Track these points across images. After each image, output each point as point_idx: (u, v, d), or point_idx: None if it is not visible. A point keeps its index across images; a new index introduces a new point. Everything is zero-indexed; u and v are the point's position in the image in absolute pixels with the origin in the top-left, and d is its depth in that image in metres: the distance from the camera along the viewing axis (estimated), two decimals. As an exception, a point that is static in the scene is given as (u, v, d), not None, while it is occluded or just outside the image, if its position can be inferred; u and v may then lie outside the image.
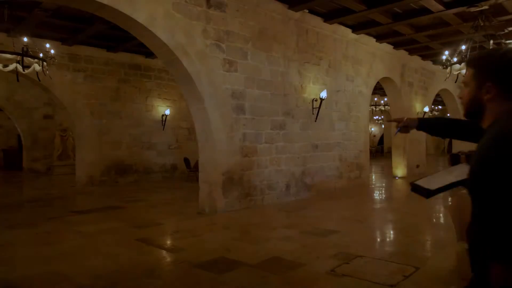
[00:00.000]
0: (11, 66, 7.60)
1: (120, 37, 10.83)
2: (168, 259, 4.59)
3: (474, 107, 1.51)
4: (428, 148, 19.02)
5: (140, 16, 6.33)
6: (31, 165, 16.08)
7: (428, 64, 14.51)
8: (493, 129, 1.36)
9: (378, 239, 5.66)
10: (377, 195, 10.23)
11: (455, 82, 10.37)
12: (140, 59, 13.01)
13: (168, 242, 5.38)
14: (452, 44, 10.50)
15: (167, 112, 13.38)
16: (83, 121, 11.68)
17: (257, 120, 8.10)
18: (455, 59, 8.42)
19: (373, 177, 14.11)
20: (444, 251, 4.69)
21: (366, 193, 10.24)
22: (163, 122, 13.35)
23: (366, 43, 11.19)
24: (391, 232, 6.08)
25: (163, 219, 6.69)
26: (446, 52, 8.67)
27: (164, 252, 4.87)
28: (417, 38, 11.18)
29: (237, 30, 7.81)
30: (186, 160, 12.79)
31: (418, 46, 12.17)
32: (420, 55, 13.51)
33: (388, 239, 5.72)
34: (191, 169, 12.58)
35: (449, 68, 8.51)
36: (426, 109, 14.17)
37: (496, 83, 1.41)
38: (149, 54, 12.61)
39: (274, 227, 6.13)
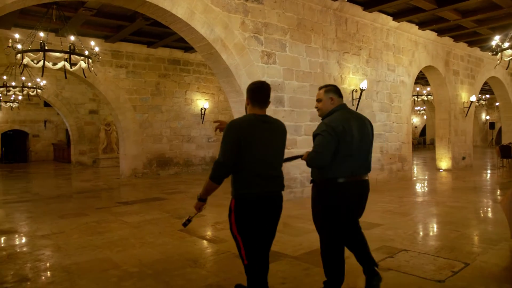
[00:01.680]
0: (60, 64, 7.95)
1: (160, 33, 11.08)
2: (211, 250, 4.68)
3: (326, 111, 3.14)
4: (474, 139, 18.16)
5: (179, 10, 6.43)
6: (78, 158, 16.88)
7: (475, 50, 13.79)
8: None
9: (423, 233, 5.48)
10: (420, 188, 9.91)
11: (506, 69, 9.80)
12: (179, 53, 13.25)
13: (210, 233, 5.47)
14: (502, 28, 9.92)
15: (206, 105, 13.58)
16: (126, 115, 12.09)
17: (296, 112, 8.05)
18: (506, 44, 7.94)
19: (416, 169, 13.66)
20: (495, 247, 4.47)
21: (409, 186, 9.93)
22: (202, 115, 13.57)
23: (408, 30, 10.78)
24: (437, 226, 5.86)
25: (204, 211, 6.79)
26: (497, 37, 8.19)
27: (206, 243, 4.96)
28: (463, 23, 10.63)
29: (275, 22, 7.76)
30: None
31: (465, 32, 11.58)
32: (466, 42, 12.85)
33: (433, 233, 5.52)
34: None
35: (499, 54, 8.04)
36: (473, 98, 13.50)
37: (337, 96, 3.14)
38: (188, 48, 12.83)
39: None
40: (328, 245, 3.07)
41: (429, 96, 17.69)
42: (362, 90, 9.20)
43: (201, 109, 13.60)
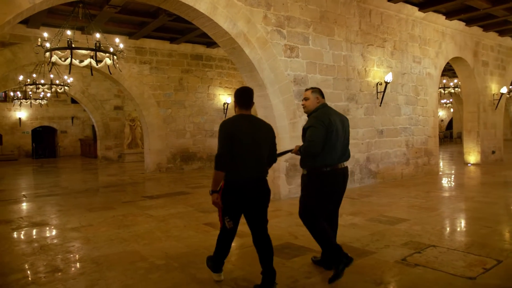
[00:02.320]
0: (86, 61, 8.11)
1: (182, 28, 11.17)
2: (235, 243, 4.69)
3: (312, 109, 3.65)
4: (504, 132, 17.55)
5: (202, 6, 6.45)
6: (104, 153, 17.27)
7: (507, 40, 13.27)
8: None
9: (452, 229, 5.35)
10: (447, 182, 9.67)
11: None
12: (201, 49, 13.33)
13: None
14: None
15: (228, 100, 13.63)
16: (150, 111, 12.27)
17: (319, 106, 7.96)
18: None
19: (442, 164, 13.34)
20: (529, 243, 4.32)
21: (436, 180, 9.71)
22: (225, 110, 13.62)
23: (434, 21, 10.47)
24: (466, 222, 5.71)
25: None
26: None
27: (231, 237, 4.99)
28: (493, 12, 10.24)
29: (297, 15, 7.68)
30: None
31: (495, 21, 11.14)
32: (496, 31, 12.37)
33: (463, 229, 5.38)
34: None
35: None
36: (504, 90, 13.02)
37: (322, 97, 3.70)
38: (210, 44, 12.88)
39: (340, 214, 5.96)
40: (311, 222, 3.56)
41: (456, 89, 17.18)
42: (386, 83, 9.02)
43: (224, 104, 13.66)
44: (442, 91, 17.41)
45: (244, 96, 3.32)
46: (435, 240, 4.53)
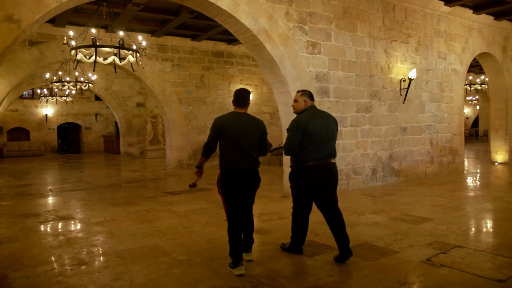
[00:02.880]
0: (110, 59, 8.26)
1: (204, 26, 11.23)
2: (257, 240, 4.69)
3: (299, 110, 3.97)
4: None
5: (224, 2, 6.45)
6: (126, 149, 17.57)
7: (537, 35, 12.78)
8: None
9: (479, 229, 5.20)
10: (473, 181, 9.41)
11: None
12: (222, 46, 13.37)
13: (255, 224, 5.47)
14: None
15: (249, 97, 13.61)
16: (172, 107, 12.40)
17: (341, 103, 7.88)
18: None
19: (468, 162, 12.99)
20: (561, 246, 4.16)
21: (461, 179, 9.47)
22: (246, 107, 13.62)
23: (461, 15, 10.18)
24: (494, 222, 5.54)
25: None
26: None
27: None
28: (524, 6, 9.88)
29: (320, 11, 7.60)
30: (269, 145, 12.95)
31: (526, 15, 10.75)
32: (527, 25, 11.94)
33: (490, 230, 5.23)
34: (273, 153, 12.72)
35: None
36: (534, 86, 12.54)
37: (310, 99, 4.00)
38: (231, 40, 12.91)
39: (361, 212, 5.95)
40: (297, 216, 4.06)
41: (483, 85, 16.69)
42: (410, 80, 8.84)
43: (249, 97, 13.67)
44: (468, 87, 16.95)
45: (240, 97, 3.84)
46: (461, 240, 4.41)
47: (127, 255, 4.15)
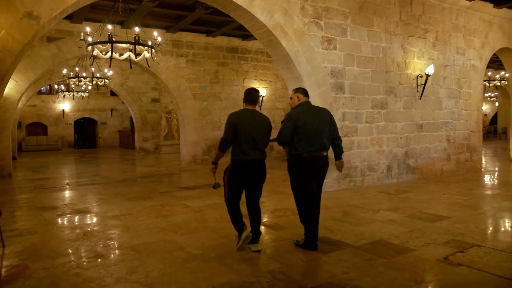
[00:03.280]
0: (125, 55, 8.32)
1: (219, 21, 11.22)
2: (271, 236, 4.71)
3: (294, 106, 4.26)
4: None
5: (240, -2, 6.43)
6: (141, 144, 17.75)
7: (560, 30, 12.42)
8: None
9: (498, 228, 5.11)
10: (492, 180, 9.23)
11: None
12: (237, 42, 13.35)
13: (270, 219, 5.49)
14: None
15: (264, 93, 13.61)
16: (186, 103, 12.46)
17: (357, 99, 7.80)
18: None
19: (485, 160, 12.74)
20: None
21: (479, 177, 9.29)
22: (260, 103, 13.61)
23: (481, 10, 9.95)
24: (513, 221, 5.43)
25: (262, 198, 6.80)
26: None
27: (266, 229, 5.00)
28: (547, -1, 9.60)
29: (335, 6, 7.52)
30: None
31: (549, 9, 10.44)
32: (550, 20, 11.59)
33: (509, 229, 5.13)
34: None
35: None
36: (555, 82, 12.23)
37: (303, 96, 4.32)
38: (246, 36, 12.88)
39: (377, 209, 5.90)
40: (298, 204, 4.27)
41: (502, 81, 16.31)
42: (427, 76, 8.70)
43: (259, 96, 13.66)
44: (487, 84, 16.60)
45: (250, 95, 4.15)
46: (479, 239, 4.34)
47: (143, 249, 4.19)
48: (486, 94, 23.55)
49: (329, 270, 3.52)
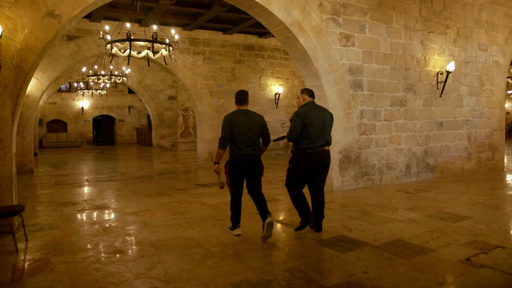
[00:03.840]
0: (143, 53, 8.39)
1: (235, 19, 11.22)
2: (288, 234, 4.68)
3: (300, 105, 4.71)
4: None
5: (257, -5, 6.40)
6: (158, 141, 17.93)
7: None
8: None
9: (521, 229, 4.97)
10: (514, 179, 9.00)
11: None
12: (253, 39, 13.33)
13: (286, 217, 5.47)
14: None
15: (280, 90, 13.56)
16: (203, 101, 12.52)
17: (375, 96, 7.70)
18: None
19: (508, 159, 12.42)
20: None
21: (501, 177, 9.07)
22: (276, 100, 13.58)
23: (505, 4, 9.67)
24: (537, 222, 5.28)
25: (279, 195, 6.85)
26: None
27: (283, 227, 4.98)
28: None
29: (354, 2, 7.43)
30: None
31: None
32: None
33: (533, 230, 4.98)
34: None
35: None
36: None
37: (308, 96, 4.71)
38: (262, 33, 12.85)
39: (395, 208, 5.82)
40: (291, 192, 4.68)
41: (526, 78, 15.84)
42: (448, 72, 8.52)
43: (275, 94, 13.62)
44: (510, 81, 16.16)
45: (240, 96, 4.59)
46: (503, 240, 4.22)
47: (161, 245, 4.23)
48: (509, 92, 22.93)
49: (348, 269, 3.48)
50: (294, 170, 4.64)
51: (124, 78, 13.80)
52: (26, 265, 3.75)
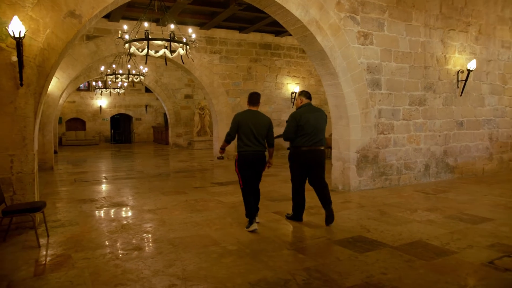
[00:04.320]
0: (161, 52, 8.46)
1: (252, 17, 11.21)
2: (306, 234, 4.66)
3: (297, 106, 5.13)
4: None
5: (275, -7, 6.37)
6: (175, 140, 18.06)
7: None
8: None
9: (546, 232, 4.82)
10: (537, 181, 8.75)
11: None
12: (270, 38, 13.30)
13: (304, 217, 5.43)
14: None
15: (296, 89, 13.50)
16: (219, 99, 12.55)
17: (394, 95, 7.59)
18: None
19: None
20: None
21: (523, 178, 8.83)
22: (292, 99, 13.53)
23: (529, 1, 9.41)
24: None
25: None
26: None
27: (301, 226, 4.95)
28: None
29: (372, 0, 7.33)
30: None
31: None
32: None
33: (559, 233, 4.83)
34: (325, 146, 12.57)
35: None
36: None
37: (306, 98, 5.12)
38: (279, 32, 12.81)
39: (414, 209, 5.72)
40: (293, 187, 5.06)
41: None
42: (469, 71, 8.34)
43: (292, 93, 13.56)
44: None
45: (252, 98, 4.99)
46: (527, 243, 4.12)
47: (179, 243, 4.26)
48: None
49: (366, 270, 3.44)
50: (292, 167, 5.05)
51: (141, 77, 13.93)
52: (48, 260, 3.82)
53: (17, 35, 4.37)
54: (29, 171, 4.83)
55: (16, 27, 4.35)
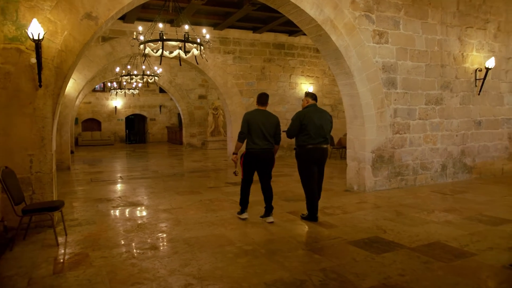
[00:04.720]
0: (175, 52, 8.52)
1: (265, 17, 11.19)
2: (322, 234, 4.63)
3: (303, 107, 5.44)
4: None
5: (289, -8, 6.35)
6: (189, 140, 18.17)
7: None
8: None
9: None
10: (559, 181, 8.53)
11: None
12: (283, 37, 13.26)
13: (319, 217, 5.40)
14: None
15: (310, 89, 13.43)
16: (233, 99, 12.57)
17: (410, 95, 7.49)
18: None
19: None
20: None
21: (544, 178, 8.62)
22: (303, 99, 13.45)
23: (550, -3, 9.18)
24: None
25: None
26: None
27: (316, 227, 4.93)
28: None
29: (388, -2, 7.24)
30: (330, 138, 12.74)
31: None
32: None
33: None
34: (334, 146, 12.48)
35: None
36: None
37: (311, 99, 5.37)
38: (292, 32, 12.76)
39: (431, 209, 5.64)
40: (304, 184, 5.23)
41: None
42: (487, 69, 8.18)
43: (306, 92, 13.50)
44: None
45: (261, 98, 5.25)
46: (549, 245, 4.01)
47: (194, 242, 4.27)
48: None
49: (383, 272, 3.40)
50: (300, 166, 5.26)
51: (155, 77, 14.05)
52: (66, 259, 3.88)
53: (36, 38, 4.45)
54: (47, 170, 4.91)
55: (35, 29, 4.43)
